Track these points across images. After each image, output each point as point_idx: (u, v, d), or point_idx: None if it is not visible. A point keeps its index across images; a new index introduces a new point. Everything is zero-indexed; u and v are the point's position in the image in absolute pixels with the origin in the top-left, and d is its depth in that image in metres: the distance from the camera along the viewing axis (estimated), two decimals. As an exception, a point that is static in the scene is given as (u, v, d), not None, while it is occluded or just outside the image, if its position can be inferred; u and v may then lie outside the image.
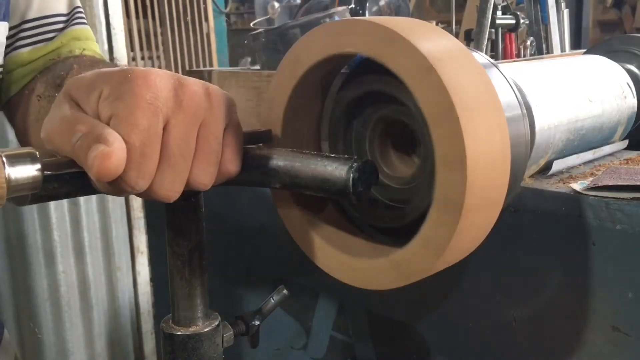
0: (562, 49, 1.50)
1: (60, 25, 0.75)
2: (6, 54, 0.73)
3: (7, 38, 0.72)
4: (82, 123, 0.40)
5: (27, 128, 0.69)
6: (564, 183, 0.69)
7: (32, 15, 0.73)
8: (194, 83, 0.43)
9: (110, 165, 0.37)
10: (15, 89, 0.74)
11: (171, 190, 0.42)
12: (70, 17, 0.76)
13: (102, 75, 0.42)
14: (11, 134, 1.66)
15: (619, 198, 0.62)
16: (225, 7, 3.74)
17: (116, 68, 0.43)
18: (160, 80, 0.41)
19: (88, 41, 0.77)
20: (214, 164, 0.43)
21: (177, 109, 0.41)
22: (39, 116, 0.66)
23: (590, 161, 0.79)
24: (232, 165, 0.46)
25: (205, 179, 0.43)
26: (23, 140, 0.74)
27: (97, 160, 0.37)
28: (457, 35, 1.68)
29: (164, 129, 0.40)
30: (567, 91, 0.74)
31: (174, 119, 0.40)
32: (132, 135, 0.39)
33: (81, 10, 0.78)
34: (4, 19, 0.70)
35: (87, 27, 0.78)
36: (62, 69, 0.69)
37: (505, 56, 1.47)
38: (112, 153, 0.37)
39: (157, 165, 0.40)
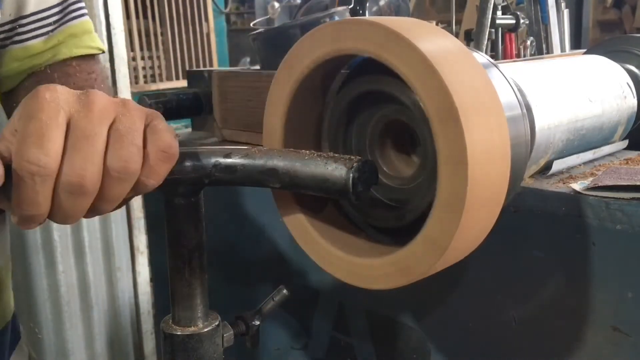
0: (562, 49, 1.50)
1: (55, 18, 0.74)
2: (1, 47, 0.72)
3: (3, 32, 0.72)
4: None
5: None
6: (564, 183, 0.69)
7: (29, 10, 0.72)
8: (101, 94, 0.45)
9: None
10: (10, 84, 0.73)
11: (82, 169, 0.43)
12: (64, 9, 0.75)
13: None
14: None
15: (619, 198, 0.62)
16: (225, 7, 3.74)
17: None
18: (63, 87, 0.44)
19: (85, 36, 0.76)
20: (127, 148, 0.44)
21: (81, 108, 0.44)
22: None
23: (590, 161, 0.79)
24: (160, 141, 0.46)
25: (120, 162, 0.44)
26: None
27: None
28: (457, 35, 1.68)
29: (69, 124, 0.43)
30: (567, 91, 0.74)
31: (77, 115, 0.43)
32: (29, 125, 0.42)
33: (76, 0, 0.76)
34: None
35: (85, 18, 0.77)
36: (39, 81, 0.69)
37: (505, 56, 1.47)
38: None
39: (60, 148, 0.42)
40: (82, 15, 0.76)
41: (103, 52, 0.78)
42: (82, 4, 0.77)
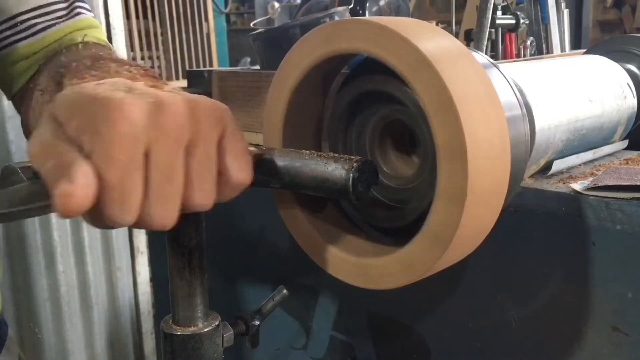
0: (562, 49, 1.50)
1: (61, 13, 0.73)
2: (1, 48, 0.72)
3: (5, 30, 0.71)
4: (57, 151, 0.38)
5: (30, 124, 0.69)
6: (564, 183, 0.69)
7: (25, 7, 0.71)
8: (174, 103, 0.40)
9: (71, 205, 0.36)
10: (20, 82, 0.72)
11: (164, 218, 0.39)
12: (70, 6, 0.74)
13: (80, 101, 0.40)
14: (12, 134, 1.66)
15: (619, 198, 0.62)
16: (225, 7, 3.74)
17: (95, 91, 0.40)
18: (137, 107, 0.38)
19: (91, 29, 0.75)
20: (209, 181, 0.41)
21: (158, 135, 0.38)
22: (42, 110, 0.65)
23: (590, 161, 0.79)
24: (242, 173, 0.43)
25: (203, 198, 0.41)
26: (28, 134, 0.73)
27: (58, 199, 0.36)
28: (457, 35, 1.68)
29: (147, 156, 0.38)
30: (567, 91, 0.74)
31: (156, 146, 0.38)
32: (110, 171, 0.37)
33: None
34: None
35: (90, 15, 0.76)
36: (61, 63, 0.67)
37: (505, 56, 1.47)
38: (73, 192, 0.36)
39: (141, 198, 0.38)
40: (85, 12, 0.76)
41: (110, 49, 0.78)
42: (87, 5, 0.77)
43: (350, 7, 1.27)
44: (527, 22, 1.43)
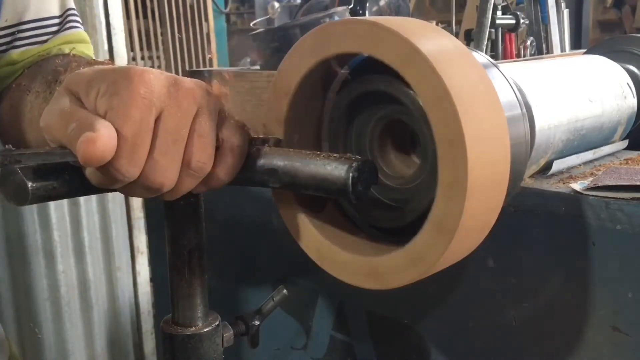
0: (562, 49, 1.50)
1: (54, 28, 0.75)
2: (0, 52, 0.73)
3: (2, 37, 0.72)
4: (77, 116, 0.43)
5: (16, 122, 0.70)
6: (564, 183, 0.69)
7: (29, 16, 0.74)
8: (188, 82, 0.46)
9: (95, 149, 0.40)
10: (2, 85, 0.74)
11: (163, 176, 0.44)
12: (63, 20, 0.76)
13: (100, 73, 0.44)
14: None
15: (619, 198, 0.62)
16: (225, 7, 3.74)
17: (114, 66, 0.46)
18: (155, 77, 0.44)
19: (80, 44, 0.77)
20: (208, 146, 0.45)
21: (171, 102, 0.44)
22: (26, 110, 0.67)
23: (590, 161, 0.79)
24: (237, 137, 0.48)
25: (201, 159, 0.45)
26: (6, 132, 0.74)
27: (82, 145, 0.40)
28: (457, 35, 1.68)
29: (158, 120, 0.43)
30: (567, 91, 0.74)
31: (167, 112, 0.43)
32: (125, 126, 0.41)
33: (74, 12, 0.78)
34: None
35: (80, 30, 0.78)
36: (54, 66, 0.69)
37: (505, 56, 1.47)
38: (97, 138, 0.40)
39: (147, 154, 0.43)
40: (77, 26, 0.78)
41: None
42: (78, 18, 0.79)
43: (350, 7, 1.27)
44: (527, 22, 1.43)
